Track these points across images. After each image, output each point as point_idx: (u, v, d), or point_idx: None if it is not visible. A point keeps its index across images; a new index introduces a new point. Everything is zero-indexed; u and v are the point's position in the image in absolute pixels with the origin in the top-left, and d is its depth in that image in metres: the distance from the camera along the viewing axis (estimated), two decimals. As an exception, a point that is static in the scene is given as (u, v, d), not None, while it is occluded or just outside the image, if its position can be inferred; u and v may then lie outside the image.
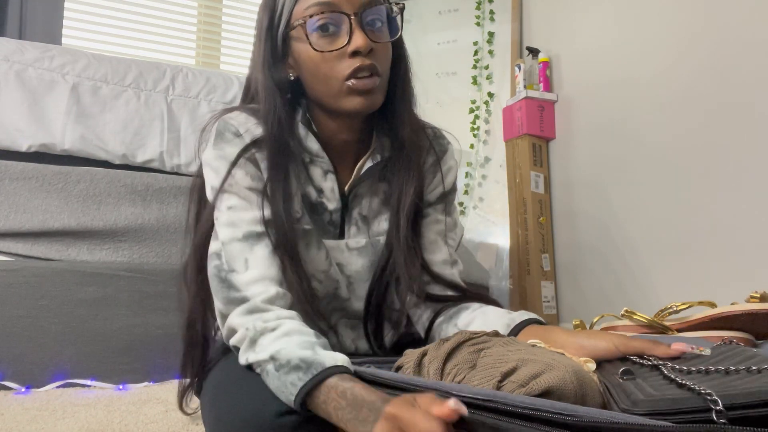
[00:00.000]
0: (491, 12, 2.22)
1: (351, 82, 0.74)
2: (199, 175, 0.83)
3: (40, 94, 1.45)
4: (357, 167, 0.82)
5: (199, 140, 0.81)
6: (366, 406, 0.53)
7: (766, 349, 0.84)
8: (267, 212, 0.74)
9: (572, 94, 1.94)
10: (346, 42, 0.73)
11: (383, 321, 0.85)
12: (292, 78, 0.79)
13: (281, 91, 0.78)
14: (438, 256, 0.86)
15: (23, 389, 1.19)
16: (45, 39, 1.95)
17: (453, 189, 0.91)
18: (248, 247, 0.72)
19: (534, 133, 1.97)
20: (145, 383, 1.30)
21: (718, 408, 0.40)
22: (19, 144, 1.42)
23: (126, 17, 2.42)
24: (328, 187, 0.81)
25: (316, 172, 0.81)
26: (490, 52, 2.21)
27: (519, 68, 2.04)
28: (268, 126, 0.76)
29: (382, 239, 0.83)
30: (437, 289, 0.84)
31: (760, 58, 1.30)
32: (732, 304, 0.84)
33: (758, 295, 0.83)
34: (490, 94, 2.17)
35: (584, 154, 1.86)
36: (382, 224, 0.84)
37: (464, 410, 0.45)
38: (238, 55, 2.64)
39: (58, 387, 1.22)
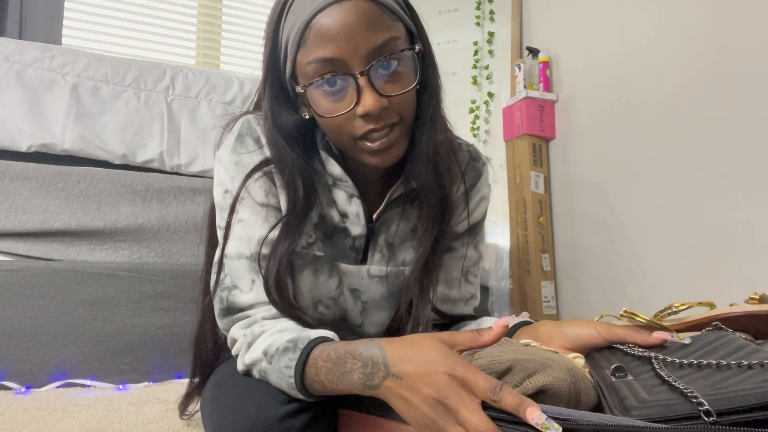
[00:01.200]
0: (491, 12, 2.22)
1: (363, 144, 0.67)
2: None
3: (40, 94, 1.45)
4: (388, 195, 0.77)
5: (220, 138, 0.77)
6: (350, 356, 0.54)
7: (766, 348, 0.84)
8: (273, 234, 0.70)
9: (572, 94, 1.94)
10: (354, 103, 0.65)
11: None
12: (306, 117, 0.71)
13: (292, 139, 0.71)
14: (456, 293, 0.84)
15: (23, 389, 1.19)
16: (45, 39, 1.95)
17: (483, 218, 0.87)
18: (255, 269, 0.69)
19: (534, 133, 1.97)
20: (145, 383, 1.30)
21: (712, 419, 0.40)
22: (19, 144, 1.42)
23: (126, 17, 2.42)
24: (352, 211, 0.76)
25: (340, 195, 0.75)
26: (490, 52, 2.21)
27: (519, 68, 2.04)
28: (288, 186, 0.71)
29: (407, 270, 0.78)
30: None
31: (763, 61, 1.30)
32: (731, 305, 0.84)
33: (757, 297, 0.83)
34: (490, 94, 2.17)
35: (584, 154, 1.86)
36: (407, 253, 0.79)
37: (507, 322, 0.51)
38: (238, 55, 2.64)
39: (58, 387, 1.22)
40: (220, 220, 0.73)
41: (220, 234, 0.73)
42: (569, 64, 1.97)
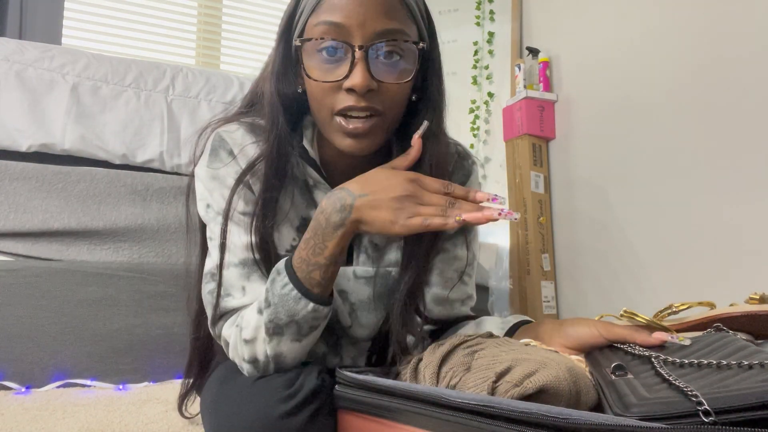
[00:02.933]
0: (491, 12, 2.22)
1: (339, 120, 0.67)
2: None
3: (40, 94, 1.45)
4: None
5: (194, 146, 0.78)
6: (319, 213, 0.65)
7: (766, 348, 0.84)
8: (256, 239, 0.71)
9: (572, 94, 1.94)
10: (344, 75, 0.65)
11: (389, 346, 0.81)
12: (300, 91, 0.72)
13: (286, 107, 0.71)
14: (452, 294, 0.83)
15: (23, 389, 1.19)
16: (45, 39, 1.95)
17: None
18: (245, 275, 0.71)
19: (534, 133, 1.97)
20: (145, 383, 1.30)
21: (711, 419, 0.40)
22: (19, 144, 1.42)
23: (126, 17, 2.42)
24: None
25: (320, 196, 0.76)
26: (490, 52, 2.21)
27: (519, 68, 2.03)
28: (269, 147, 0.71)
29: (394, 271, 0.78)
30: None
31: (763, 61, 1.30)
32: (731, 305, 0.84)
33: (758, 297, 0.83)
34: (490, 94, 2.17)
35: (584, 154, 1.86)
36: (393, 254, 0.79)
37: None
38: (238, 55, 2.64)
39: (58, 387, 1.22)
40: (209, 233, 0.75)
41: (210, 245, 0.75)
42: (569, 64, 1.97)
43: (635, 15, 1.68)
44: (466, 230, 0.84)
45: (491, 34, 2.21)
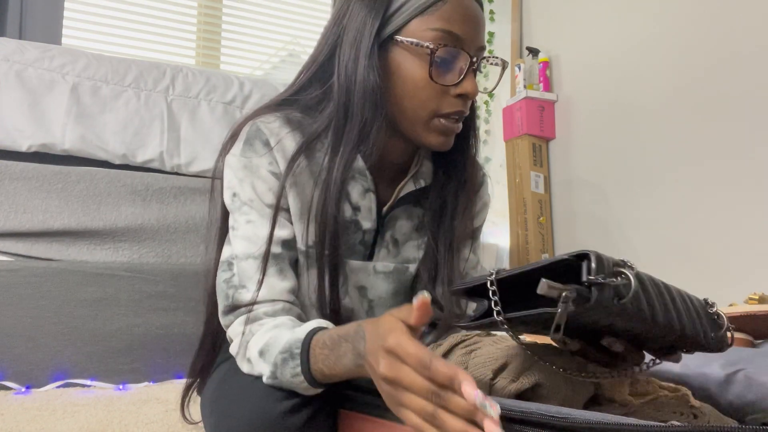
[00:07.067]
0: (491, 12, 2.22)
1: (441, 121, 0.72)
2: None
3: (40, 94, 1.45)
4: (397, 189, 0.79)
5: (224, 145, 0.77)
6: (343, 340, 0.57)
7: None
8: (287, 232, 0.71)
9: (572, 94, 1.94)
10: (456, 81, 0.71)
11: None
12: (377, 80, 0.72)
13: (375, 99, 0.71)
14: None
15: (23, 389, 1.19)
16: (45, 39, 1.94)
17: (482, 224, 0.90)
18: (263, 268, 0.70)
19: (534, 133, 1.97)
20: (145, 383, 1.30)
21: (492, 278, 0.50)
22: (19, 144, 1.42)
23: (126, 17, 2.42)
24: (365, 206, 0.77)
25: (355, 189, 0.76)
26: (490, 51, 2.21)
27: (519, 68, 2.04)
28: (355, 137, 0.71)
29: (412, 267, 0.80)
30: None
31: (762, 61, 1.30)
32: (730, 305, 0.84)
33: (757, 297, 0.83)
34: (491, 94, 2.17)
35: (584, 154, 1.86)
36: (410, 251, 0.81)
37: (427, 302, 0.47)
38: (238, 55, 2.64)
39: (58, 387, 1.22)
40: (232, 221, 0.74)
41: (231, 234, 0.74)
42: (569, 64, 1.97)
43: (635, 15, 1.68)
44: (474, 235, 0.87)
45: (491, 34, 2.21)
